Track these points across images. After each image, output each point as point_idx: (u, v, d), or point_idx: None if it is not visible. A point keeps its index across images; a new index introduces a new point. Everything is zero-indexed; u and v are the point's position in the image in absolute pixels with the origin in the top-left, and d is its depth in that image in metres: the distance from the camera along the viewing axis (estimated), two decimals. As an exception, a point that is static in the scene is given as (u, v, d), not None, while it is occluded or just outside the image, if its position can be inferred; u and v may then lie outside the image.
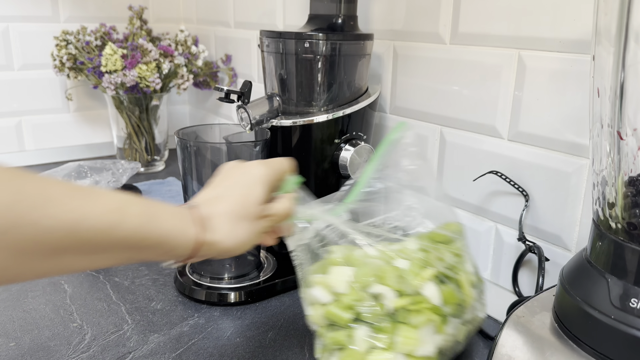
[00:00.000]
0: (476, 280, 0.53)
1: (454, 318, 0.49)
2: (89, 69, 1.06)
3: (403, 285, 0.47)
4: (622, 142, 0.39)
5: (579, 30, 0.54)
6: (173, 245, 0.39)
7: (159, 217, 0.38)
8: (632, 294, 0.37)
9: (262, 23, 1.04)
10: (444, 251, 0.51)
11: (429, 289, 0.48)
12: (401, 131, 0.56)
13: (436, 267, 0.49)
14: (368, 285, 0.47)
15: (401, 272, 0.48)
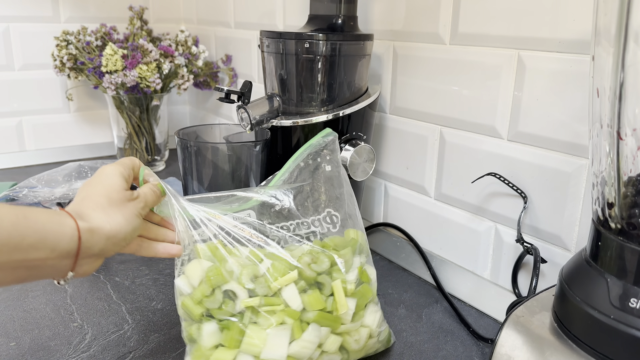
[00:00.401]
0: (360, 292, 0.51)
1: (320, 326, 0.48)
2: (90, 69, 1.07)
3: (258, 286, 0.47)
4: (622, 142, 0.39)
5: (578, 30, 0.54)
6: (55, 238, 0.39)
7: (30, 214, 0.39)
8: (631, 294, 0.37)
9: (262, 23, 1.04)
10: (323, 257, 0.50)
11: (288, 291, 0.47)
12: (323, 136, 0.56)
13: (303, 269, 0.48)
14: (220, 282, 0.47)
15: (257, 271, 0.47)
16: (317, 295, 0.48)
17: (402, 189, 0.78)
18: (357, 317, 0.51)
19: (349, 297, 0.50)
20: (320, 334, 0.48)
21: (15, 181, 1.03)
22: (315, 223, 0.54)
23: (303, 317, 0.48)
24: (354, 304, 0.50)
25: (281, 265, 0.48)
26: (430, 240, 0.75)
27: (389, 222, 0.82)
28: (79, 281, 0.70)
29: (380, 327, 0.53)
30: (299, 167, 0.54)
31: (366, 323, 0.52)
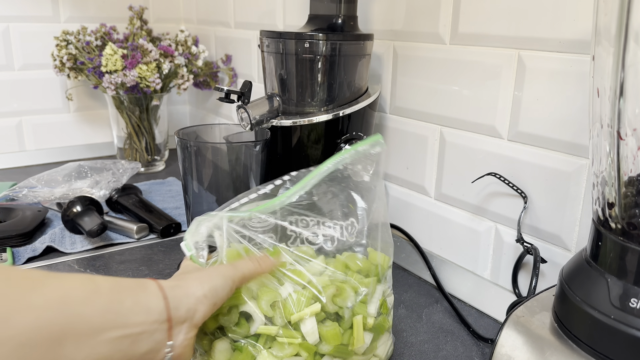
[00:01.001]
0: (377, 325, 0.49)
1: (333, 358, 0.47)
2: (89, 69, 1.06)
3: (276, 315, 0.45)
4: (622, 142, 0.39)
5: (578, 30, 0.54)
6: (146, 298, 0.38)
7: (121, 280, 0.39)
8: (631, 294, 0.37)
9: (262, 23, 1.04)
10: (348, 287, 0.47)
11: (307, 324, 0.45)
12: (373, 144, 0.52)
13: (327, 304, 0.46)
14: (237, 302, 0.45)
15: (277, 297, 0.45)
16: (336, 330, 0.46)
17: (402, 189, 0.78)
18: (369, 350, 0.49)
19: (367, 330, 0.48)
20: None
21: (15, 181, 1.03)
22: (336, 228, 0.51)
23: (318, 349, 0.46)
24: (370, 338, 0.48)
25: (303, 295, 0.46)
26: (431, 240, 0.75)
27: (389, 222, 0.82)
28: (79, 281, 0.70)
29: (390, 354, 0.52)
30: (338, 170, 0.51)
31: (378, 353, 0.50)
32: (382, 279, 0.50)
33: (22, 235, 0.79)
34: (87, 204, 0.81)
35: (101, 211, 0.84)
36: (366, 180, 0.52)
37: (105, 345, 0.35)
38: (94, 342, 0.35)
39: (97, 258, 0.77)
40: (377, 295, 0.49)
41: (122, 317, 0.36)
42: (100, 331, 0.35)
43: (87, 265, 0.75)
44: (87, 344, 0.34)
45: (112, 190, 0.92)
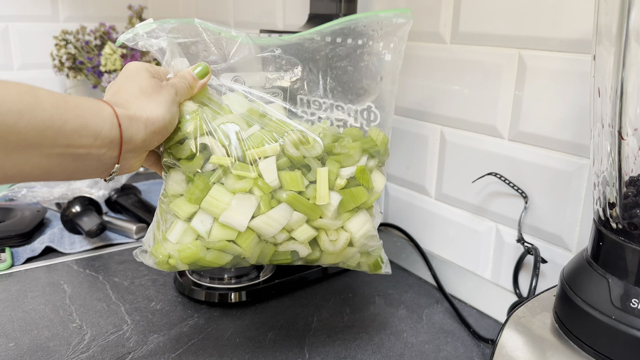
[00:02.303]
0: (351, 193, 0.46)
1: (294, 209, 0.44)
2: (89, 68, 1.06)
3: (235, 147, 0.44)
4: (623, 142, 0.39)
5: (579, 30, 0.54)
6: (97, 124, 0.38)
7: (70, 99, 0.38)
8: (632, 295, 0.37)
9: (262, 22, 1.03)
10: (317, 143, 0.45)
11: (265, 163, 0.44)
12: (398, 14, 0.48)
13: (286, 147, 0.44)
14: (195, 135, 0.44)
15: (239, 133, 0.44)
16: (296, 176, 0.44)
17: (402, 189, 0.78)
18: (340, 217, 0.46)
19: (335, 191, 0.46)
20: (291, 217, 0.45)
21: (14, 181, 1.03)
22: (351, 112, 0.49)
23: (276, 194, 0.44)
24: (338, 201, 0.45)
25: (267, 135, 0.44)
26: (431, 241, 0.75)
27: (390, 222, 0.82)
28: (78, 281, 0.70)
29: (367, 240, 0.49)
30: (351, 29, 0.48)
31: (349, 227, 0.47)
32: (372, 152, 0.48)
33: (21, 236, 0.79)
34: (86, 204, 0.81)
35: (100, 211, 0.84)
36: (387, 60, 0.49)
37: (43, 158, 0.36)
38: (27, 153, 0.35)
39: (96, 258, 0.77)
40: (358, 162, 0.47)
41: (64, 136, 0.36)
42: (36, 146, 0.35)
43: (86, 265, 0.74)
44: (19, 154, 0.35)
45: (111, 190, 0.92)
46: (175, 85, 0.45)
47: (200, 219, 0.45)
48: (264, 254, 0.46)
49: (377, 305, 0.67)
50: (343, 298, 0.68)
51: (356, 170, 0.47)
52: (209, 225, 0.44)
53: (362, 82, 0.48)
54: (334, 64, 0.48)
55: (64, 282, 0.70)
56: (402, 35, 0.49)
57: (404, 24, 0.48)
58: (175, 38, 0.47)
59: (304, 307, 0.66)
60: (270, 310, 0.65)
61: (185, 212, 0.45)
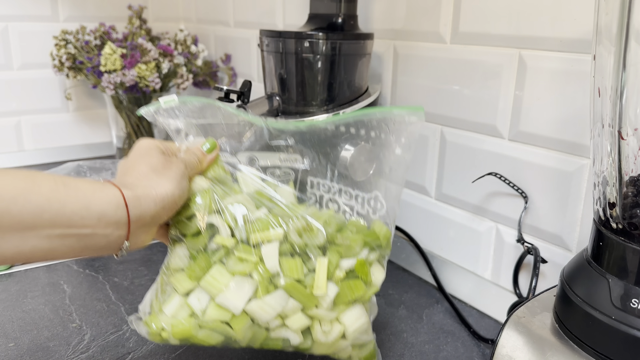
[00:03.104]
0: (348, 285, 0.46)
1: (289, 296, 0.44)
2: (88, 68, 1.06)
3: (240, 229, 0.44)
4: (623, 142, 0.39)
5: (579, 29, 0.54)
6: (100, 206, 0.39)
7: (70, 182, 0.39)
8: (633, 295, 0.37)
9: (262, 22, 1.03)
10: (320, 232, 0.45)
11: (268, 248, 0.44)
12: (410, 112, 0.49)
13: (290, 234, 0.44)
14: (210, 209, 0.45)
15: (249, 215, 0.45)
16: (296, 264, 0.44)
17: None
18: (336, 309, 0.46)
19: (333, 282, 0.46)
20: (287, 305, 0.44)
21: (14, 181, 1.03)
22: (358, 199, 0.50)
23: (274, 280, 0.44)
24: (335, 292, 0.45)
25: (273, 219, 0.45)
26: (431, 241, 0.75)
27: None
28: (78, 281, 0.70)
29: (360, 334, 0.48)
30: (365, 123, 0.49)
31: (343, 320, 0.47)
32: (374, 246, 0.48)
33: (21, 236, 0.79)
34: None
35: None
36: (397, 154, 0.50)
37: (42, 239, 0.37)
38: (24, 235, 0.36)
39: (96, 258, 0.77)
40: (359, 255, 0.47)
41: (64, 218, 0.37)
42: (32, 228, 0.36)
43: (86, 265, 0.74)
44: (15, 235, 0.36)
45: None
46: (184, 161, 0.46)
47: (197, 297, 0.45)
48: (256, 338, 0.46)
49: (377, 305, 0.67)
50: (343, 298, 0.68)
51: (356, 263, 0.47)
52: (204, 304, 0.45)
53: (371, 172, 0.50)
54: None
55: (64, 282, 0.70)
56: (413, 132, 0.50)
57: (416, 122, 0.49)
58: (194, 119, 0.49)
59: (304, 307, 0.65)
60: (270, 310, 0.65)
61: (184, 288, 0.45)
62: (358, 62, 0.69)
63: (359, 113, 0.50)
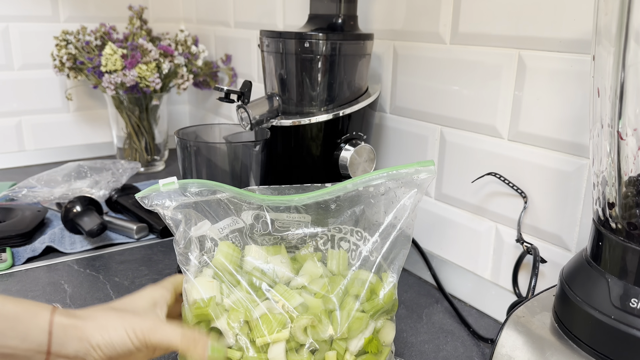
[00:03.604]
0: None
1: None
2: (89, 68, 1.06)
3: (242, 336, 0.43)
4: (622, 142, 0.39)
5: (579, 30, 0.54)
6: (25, 328, 0.39)
7: (8, 301, 0.39)
8: (632, 294, 0.37)
9: (262, 23, 1.04)
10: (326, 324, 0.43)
11: (274, 351, 0.42)
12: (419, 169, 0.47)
13: (296, 333, 0.42)
14: (206, 318, 0.44)
15: (249, 317, 0.43)
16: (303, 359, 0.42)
17: (402, 188, 0.78)
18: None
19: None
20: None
21: (14, 181, 1.03)
22: (366, 242, 0.48)
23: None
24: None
25: (274, 319, 0.43)
26: (431, 241, 0.75)
27: (389, 222, 0.82)
28: (79, 281, 0.70)
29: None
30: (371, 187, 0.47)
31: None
32: (376, 314, 0.46)
33: (22, 235, 0.79)
34: (86, 204, 0.81)
35: (101, 211, 0.84)
36: (404, 204, 0.47)
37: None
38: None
39: (96, 258, 0.77)
40: (366, 329, 0.45)
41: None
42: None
43: (87, 265, 0.75)
44: None
45: (111, 190, 0.92)
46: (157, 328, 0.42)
47: None
48: None
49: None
50: (343, 298, 0.68)
51: (364, 342, 0.45)
52: None
53: (378, 217, 0.47)
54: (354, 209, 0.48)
55: (65, 281, 0.70)
56: (422, 187, 0.47)
57: (426, 178, 0.47)
58: (193, 196, 0.47)
59: (304, 307, 0.66)
60: (271, 310, 0.65)
61: None
62: (358, 63, 0.69)
63: (364, 179, 0.47)
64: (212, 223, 0.48)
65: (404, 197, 0.47)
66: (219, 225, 0.48)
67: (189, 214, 0.47)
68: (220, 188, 0.47)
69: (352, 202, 0.48)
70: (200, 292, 0.45)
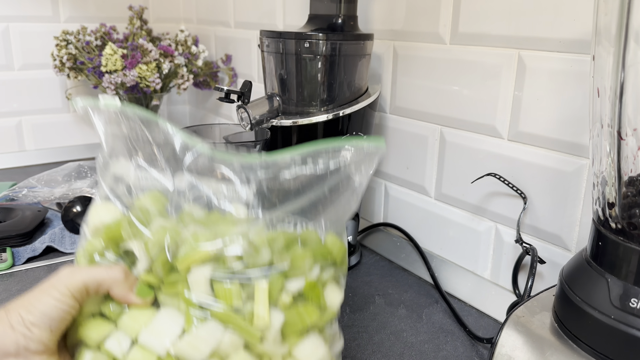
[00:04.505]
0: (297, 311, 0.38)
1: (226, 330, 0.36)
2: (89, 69, 1.06)
3: (157, 257, 0.37)
4: (622, 142, 0.39)
5: (579, 30, 0.54)
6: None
7: None
8: (632, 294, 0.37)
9: (262, 23, 1.04)
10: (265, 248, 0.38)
11: (195, 274, 0.37)
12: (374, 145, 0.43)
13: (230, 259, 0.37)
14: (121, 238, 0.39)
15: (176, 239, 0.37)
16: (231, 290, 0.37)
17: (402, 188, 0.78)
18: (286, 342, 0.38)
19: (279, 308, 0.38)
20: (223, 339, 0.36)
21: (14, 181, 1.03)
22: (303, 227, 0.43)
23: (205, 311, 0.37)
24: (281, 321, 0.37)
25: (202, 237, 0.37)
26: (431, 240, 0.75)
27: (389, 222, 0.82)
28: (79, 281, 0.70)
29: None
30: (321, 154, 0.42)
31: (296, 355, 0.39)
32: (327, 263, 0.41)
33: (22, 235, 0.79)
34: (87, 204, 0.81)
35: (101, 211, 0.84)
36: (355, 181, 0.43)
37: None
38: None
39: (97, 258, 0.77)
40: (309, 274, 0.40)
41: None
42: None
43: (87, 265, 0.75)
44: None
45: (112, 190, 0.92)
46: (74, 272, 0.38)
47: (117, 339, 0.37)
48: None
49: (376, 304, 0.67)
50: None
51: (305, 284, 0.39)
52: (126, 347, 0.37)
53: (321, 203, 0.43)
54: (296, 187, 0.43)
55: (65, 281, 0.70)
56: (373, 162, 0.43)
57: (377, 152, 0.43)
58: (121, 130, 0.42)
59: (304, 306, 0.66)
60: (271, 310, 0.65)
61: (98, 335, 0.38)
62: (358, 63, 0.69)
63: (316, 145, 0.43)
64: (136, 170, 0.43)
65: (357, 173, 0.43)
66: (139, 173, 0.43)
67: (116, 145, 0.42)
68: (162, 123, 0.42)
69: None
70: (108, 214, 0.40)
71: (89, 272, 0.38)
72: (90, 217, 0.42)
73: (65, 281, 0.38)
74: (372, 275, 0.74)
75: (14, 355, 0.37)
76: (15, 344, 0.37)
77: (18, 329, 0.37)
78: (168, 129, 0.43)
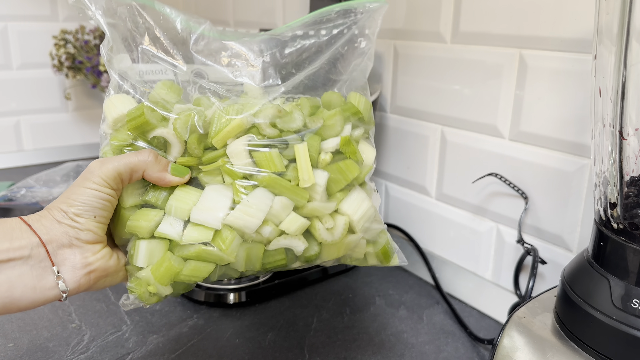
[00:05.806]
0: (338, 167, 0.40)
1: (274, 194, 0.37)
2: (88, 68, 1.06)
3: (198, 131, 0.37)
4: (624, 142, 0.39)
5: (580, 29, 0.53)
6: (5, 229, 0.36)
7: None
8: (633, 295, 0.37)
9: (262, 22, 1.03)
10: (297, 113, 0.39)
11: (235, 144, 0.37)
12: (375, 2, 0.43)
13: (261, 125, 0.38)
14: (145, 128, 0.39)
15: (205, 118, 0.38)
16: (271, 155, 0.37)
17: (402, 189, 0.78)
18: (332, 199, 0.40)
19: (320, 168, 0.39)
20: (274, 204, 0.37)
21: (13, 181, 1.03)
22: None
23: (251, 179, 0.38)
24: (325, 179, 0.39)
25: (232, 109, 0.38)
26: (431, 241, 0.75)
27: (390, 222, 0.81)
28: (78, 282, 0.70)
29: (369, 223, 0.42)
30: (324, 21, 0.42)
31: (345, 209, 0.40)
32: (356, 121, 0.42)
33: (21, 236, 0.78)
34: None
35: (100, 211, 0.83)
36: (362, 47, 0.43)
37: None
38: None
39: (95, 258, 0.76)
40: (342, 132, 0.41)
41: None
42: None
43: (86, 265, 0.74)
44: None
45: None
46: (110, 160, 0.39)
47: (169, 222, 0.38)
48: (252, 257, 0.39)
49: (377, 305, 0.67)
50: (343, 298, 0.68)
51: (340, 141, 0.40)
52: (180, 228, 0.38)
53: (333, 73, 0.44)
54: (305, 58, 0.44)
55: (63, 282, 0.70)
56: (376, 20, 0.44)
57: (378, 8, 0.43)
58: (123, 21, 0.41)
59: (304, 307, 0.65)
60: (270, 310, 0.65)
61: (148, 223, 0.38)
62: (358, 62, 0.69)
63: (317, 12, 0.43)
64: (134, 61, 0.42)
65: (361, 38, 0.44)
66: (141, 67, 0.42)
67: (115, 36, 0.41)
68: (159, 7, 0.42)
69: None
70: (125, 104, 0.40)
71: (120, 159, 0.39)
72: (107, 111, 0.40)
73: (98, 172, 0.38)
74: (372, 276, 0.74)
75: (68, 246, 0.38)
76: (66, 235, 0.37)
77: (64, 222, 0.37)
78: (168, 13, 0.43)
